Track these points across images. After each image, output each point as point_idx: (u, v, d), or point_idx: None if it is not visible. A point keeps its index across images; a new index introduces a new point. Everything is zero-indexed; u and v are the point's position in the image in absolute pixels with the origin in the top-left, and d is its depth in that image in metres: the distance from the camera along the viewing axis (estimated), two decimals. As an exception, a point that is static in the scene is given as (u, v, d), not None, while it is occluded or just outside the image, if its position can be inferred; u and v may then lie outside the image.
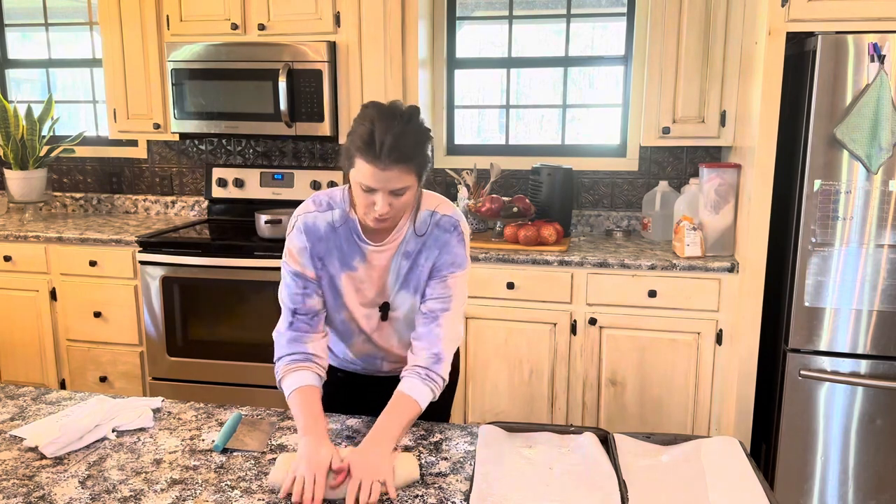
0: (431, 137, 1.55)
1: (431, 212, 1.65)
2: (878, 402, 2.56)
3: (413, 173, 1.50)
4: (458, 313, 1.66)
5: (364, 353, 1.81)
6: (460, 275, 1.66)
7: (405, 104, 1.53)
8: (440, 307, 1.64)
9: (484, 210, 3.14)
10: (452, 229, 1.65)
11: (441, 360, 1.61)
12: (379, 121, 1.46)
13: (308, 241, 1.63)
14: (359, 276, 1.66)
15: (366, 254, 1.64)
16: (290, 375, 1.58)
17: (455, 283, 1.65)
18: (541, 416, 3.03)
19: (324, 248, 1.64)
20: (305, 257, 1.64)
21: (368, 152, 1.46)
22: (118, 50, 3.44)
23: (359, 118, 1.51)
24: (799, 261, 2.54)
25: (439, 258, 1.64)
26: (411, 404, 1.54)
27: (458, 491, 1.37)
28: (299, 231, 1.64)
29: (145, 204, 3.96)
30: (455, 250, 1.65)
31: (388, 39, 3.18)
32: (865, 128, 2.39)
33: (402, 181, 1.49)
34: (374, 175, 1.47)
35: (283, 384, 1.58)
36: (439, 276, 1.64)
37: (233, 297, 3.21)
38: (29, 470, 1.43)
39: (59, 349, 3.48)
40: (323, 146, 3.72)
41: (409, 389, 1.56)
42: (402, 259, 1.65)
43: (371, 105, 1.52)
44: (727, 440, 1.55)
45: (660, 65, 2.99)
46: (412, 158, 1.48)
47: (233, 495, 1.35)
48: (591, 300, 2.91)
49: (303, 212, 1.66)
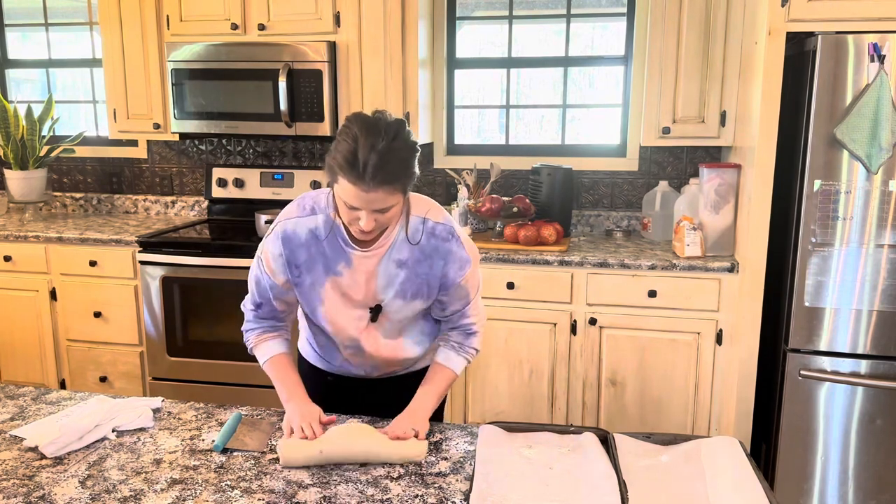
0: (418, 151, 1.49)
1: (423, 219, 1.62)
2: (878, 402, 2.56)
3: (399, 192, 1.46)
4: (478, 298, 1.75)
5: (351, 365, 1.79)
6: (470, 271, 1.67)
7: (392, 115, 1.47)
8: (462, 304, 1.71)
9: (484, 210, 3.14)
10: (450, 237, 1.63)
11: (473, 333, 1.74)
12: (363, 138, 1.39)
13: (285, 248, 1.61)
14: (344, 282, 1.62)
15: (352, 259, 1.60)
16: (262, 345, 1.71)
17: (468, 280, 1.68)
18: (541, 416, 3.03)
19: (304, 255, 1.61)
20: (279, 264, 1.62)
21: (351, 172, 1.40)
22: (118, 50, 3.44)
23: (342, 133, 1.44)
24: (799, 261, 2.54)
25: (448, 268, 1.63)
26: (447, 374, 1.70)
27: (458, 491, 1.37)
28: (276, 237, 1.61)
29: (145, 204, 3.96)
30: (459, 255, 1.64)
31: (388, 39, 3.18)
32: (865, 128, 2.39)
33: (386, 202, 1.45)
34: (358, 196, 1.42)
35: (256, 352, 1.72)
36: (455, 285, 1.66)
37: (233, 297, 3.20)
38: (29, 470, 1.43)
39: (59, 349, 3.48)
40: (323, 146, 3.72)
41: (444, 360, 1.72)
42: (393, 266, 1.61)
43: (354, 119, 1.44)
44: (727, 440, 1.55)
45: (660, 65, 2.99)
46: (398, 179, 1.43)
47: (233, 495, 1.35)
48: (591, 300, 2.91)
49: (284, 217, 1.62)
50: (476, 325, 1.74)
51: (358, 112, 1.48)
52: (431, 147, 3.62)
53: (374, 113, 1.46)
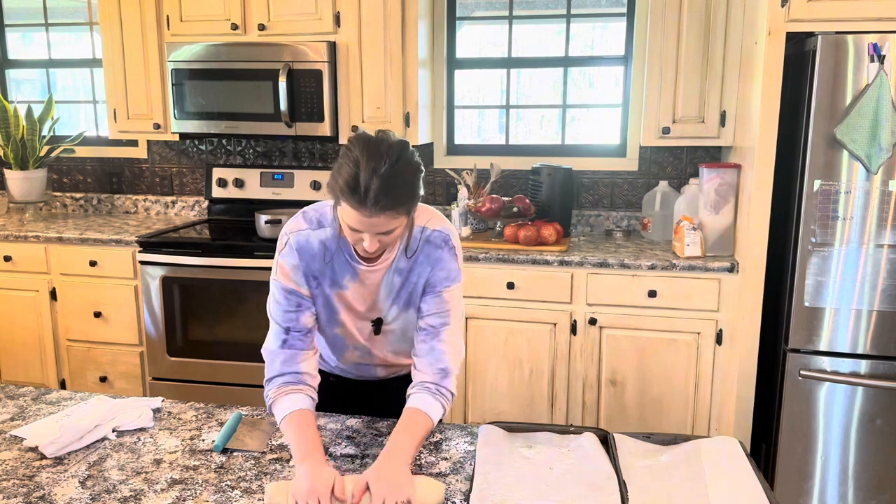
0: (422, 171, 1.44)
1: (422, 227, 1.59)
2: (878, 402, 2.56)
3: (403, 215, 1.42)
4: (458, 326, 1.62)
5: (357, 364, 1.78)
6: (455, 288, 1.62)
7: (395, 136, 1.41)
8: (439, 322, 1.59)
9: (484, 210, 3.14)
10: (443, 244, 1.60)
11: (448, 373, 1.56)
12: (364, 162, 1.35)
13: (302, 259, 1.57)
14: (349, 295, 1.61)
15: (358, 273, 1.59)
16: (281, 399, 1.51)
17: (451, 296, 1.61)
18: (541, 416, 3.03)
19: (318, 267, 1.58)
20: (299, 275, 1.57)
21: (353, 197, 1.36)
22: (118, 50, 3.44)
23: (343, 156, 1.39)
24: (799, 261, 2.54)
25: (433, 274, 1.59)
26: (423, 419, 1.48)
27: (458, 491, 1.37)
28: (292, 249, 1.57)
29: (145, 204, 3.96)
30: (448, 265, 1.60)
31: (388, 39, 3.18)
32: (865, 128, 2.39)
33: (389, 225, 1.41)
34: (361, 221, 1.39)
35: (275, 408, 1.51)
36: (434, 292, 1.60)
37: (233, 297, 3.22)
38: (29, 470, 1.43)
39: (59, 349, 3.48)
40: (323, 146, 3.72)
41: (419, 404, 1.50)
42: (394, 276, 1.60)
43: (357, 141, 1.39)
44: (727, 440, 1.55)
45: (660, 65, 2.99)
46: (402, 204, 1.39)
47: (233, 495, 1.35)
48: (591, 300, 2.91)
49: (295, 230, 1.59)
50: (449, 359, 1.57)
51: (360, 133, 1.42)
52: (431, 147, 3.62)
53: (377, 133, 1.42)
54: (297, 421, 1.47)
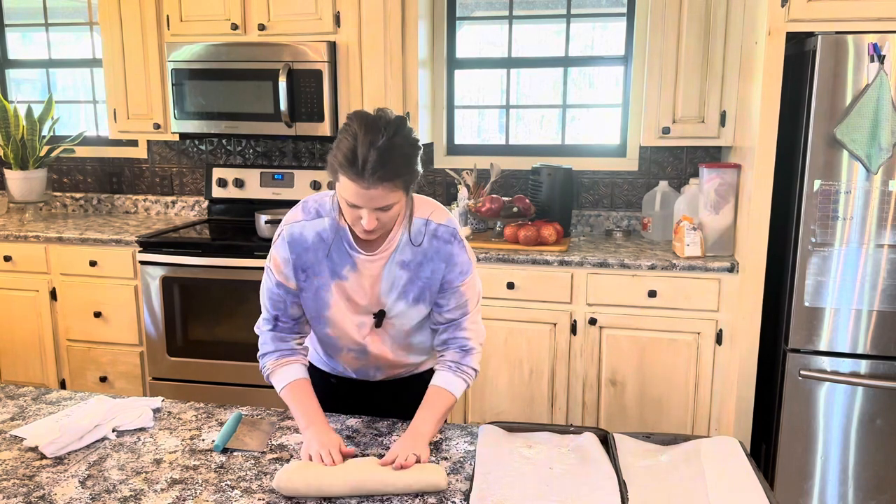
0: (420, 148, 1.48)
1: (426, 220, 1.61)
2: (878, 402, 2.56)
3: (400, 189, 1.45)
4: (476, 311, 1.70)
5: (355, 366, 1.78)
6: (470, 279, 1.66)
7: (393, 113, 1.46)
8: (459, 313, 1.66)
9: (484, 210, 3.14)
10: (452, 239, 1.62)
11: (470, 351, 1.66)
12: (362, 135, 1.39)
13: (292, 252, 1.59)
14: (349, 286, 1.61)
15: (357, 263, 1.59)
16: (279, 370, 1.63)
17: (467, 288, 1.65)
18: (541, 416, 3.03)
19: (311, 259, 1.60)
20: (289, 269, 1.60)
21: (351, 170, 1.40)
22: (118, 50, 3.44)
23: (342, 131, 1.44)
24: (799, 261, 2.54)
25: (448, 271, 1.62)
26: (445, 395, 1.60)
27: (458, 491, 1.37)
28: (284, 241, 1.60)
29: (145, 204, 3.96)
30: (460, 259, 1.63)
31: (388, 39, 3.18)
32: (865, 128, 2.39)
33: (387, 199, 1.44)
34: (358, 193, 1.42)
35: (273, 379, 1.63)
36: (452, 288, 1.63)
37: (233, 297, 3.22)
38: (29, 470, 1.43)
39: (59, 349, 3.48)
40: (323, 146, 3.72)
41: (442, 382, 1.62)
42: (397, 268, 1.61)
43: (355, 116, 1.44)
44: (727, 440, 1.55)
45: (660, 65, 2.99)
46: (398, 176, 1.42)
47: (233, 495, 1.35)
48: (591, 300, 2.91)
49: (290, 221, 1.61)
50: (472, 342, 1.66)
51: (359, 110, 1.47)
52: (431, 147, 3.62)
53: (376, 111, 1.46)
54: (296, 390, 1.60)
